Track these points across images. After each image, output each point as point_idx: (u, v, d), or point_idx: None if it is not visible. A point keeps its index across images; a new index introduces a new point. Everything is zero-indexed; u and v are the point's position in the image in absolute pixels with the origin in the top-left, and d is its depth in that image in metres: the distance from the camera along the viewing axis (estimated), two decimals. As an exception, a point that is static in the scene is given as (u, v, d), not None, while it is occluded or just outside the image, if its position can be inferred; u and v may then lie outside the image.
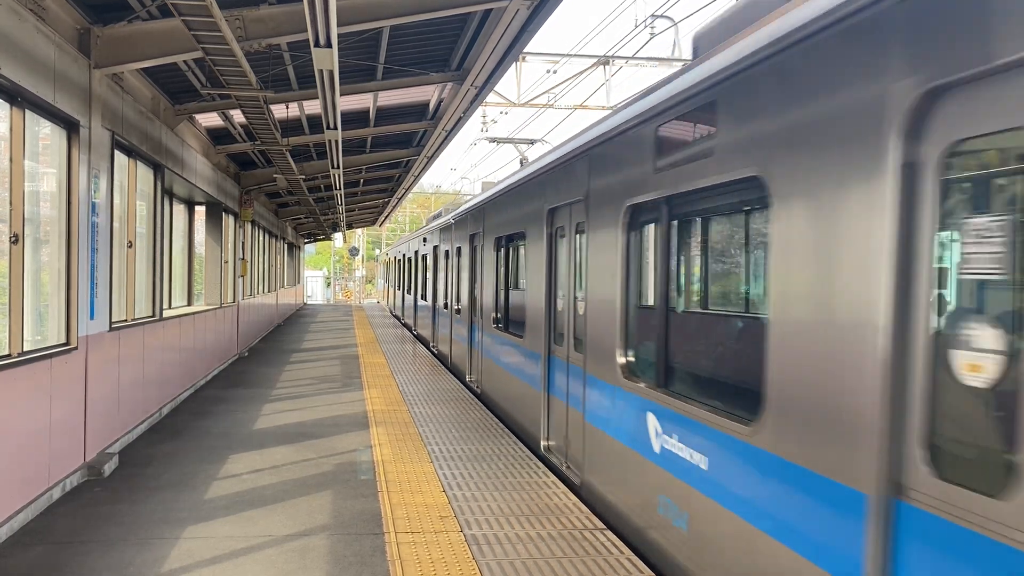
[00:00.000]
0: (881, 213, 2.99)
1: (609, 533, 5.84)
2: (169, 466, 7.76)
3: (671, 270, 5.18)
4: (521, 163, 17.41)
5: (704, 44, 5.40)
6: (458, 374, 14.37)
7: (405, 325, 27.54)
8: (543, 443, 8.19)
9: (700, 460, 4.48)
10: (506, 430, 9.41)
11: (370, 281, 78.37)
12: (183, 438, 9.05)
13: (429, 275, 19.50)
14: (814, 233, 3.45)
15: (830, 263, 3.32)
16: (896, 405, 2.89)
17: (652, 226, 5.54)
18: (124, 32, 7.61)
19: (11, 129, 6.06)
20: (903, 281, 2.92)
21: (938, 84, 2.75)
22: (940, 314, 2.84)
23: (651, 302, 5.57)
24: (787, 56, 3.68)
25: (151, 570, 5.12)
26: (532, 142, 19.20)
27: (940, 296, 2.84)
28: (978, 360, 2.67)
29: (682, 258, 5.33)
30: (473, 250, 13.00)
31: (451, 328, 15.72)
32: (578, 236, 7.15)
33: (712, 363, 5.00)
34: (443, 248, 16.75)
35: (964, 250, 2.75)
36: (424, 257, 20.82)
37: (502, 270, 10.63)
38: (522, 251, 9.38)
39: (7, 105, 6.02)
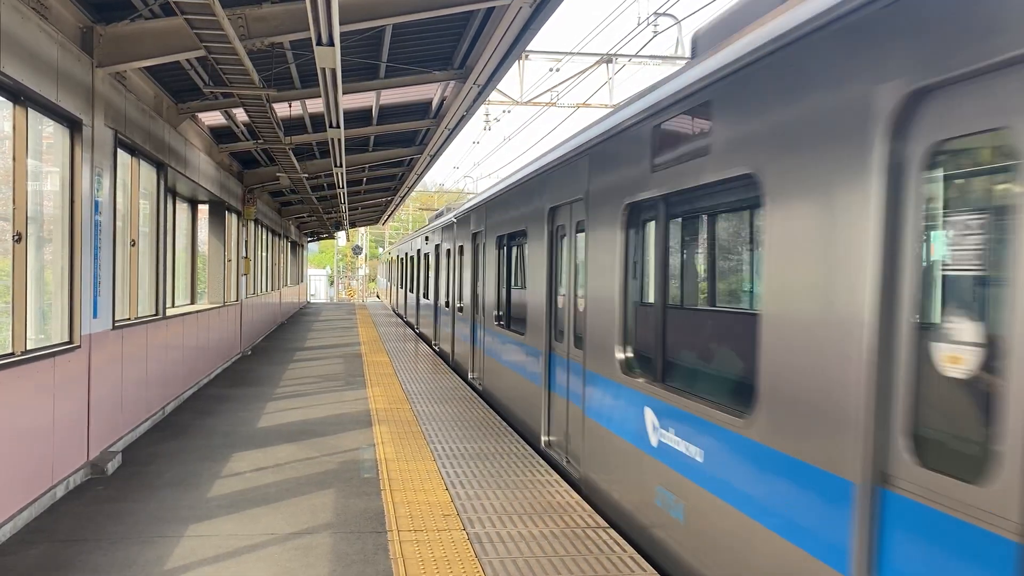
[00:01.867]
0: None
1: (612, 532, 5.83)
2: (172, 464, 7.78)
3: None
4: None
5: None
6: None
7: (399, 315, 30.57)
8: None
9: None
10: (497, 415, 10.04)
11: (373, 279, 78.38)
12: (186, 436, 9.06)
13: (418, 274, 23.36)
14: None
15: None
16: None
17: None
18: (127, 31, 7.61)
19: (14, 128, 6.06)
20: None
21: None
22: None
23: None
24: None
25: (154, 568, 5.12)
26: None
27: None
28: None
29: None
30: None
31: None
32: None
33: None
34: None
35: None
36: (413, 259, 25.31)
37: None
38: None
39: (10, 104, 6.03)
